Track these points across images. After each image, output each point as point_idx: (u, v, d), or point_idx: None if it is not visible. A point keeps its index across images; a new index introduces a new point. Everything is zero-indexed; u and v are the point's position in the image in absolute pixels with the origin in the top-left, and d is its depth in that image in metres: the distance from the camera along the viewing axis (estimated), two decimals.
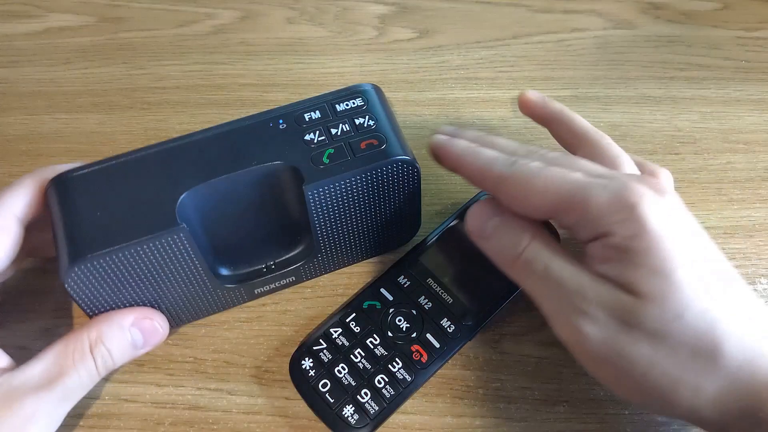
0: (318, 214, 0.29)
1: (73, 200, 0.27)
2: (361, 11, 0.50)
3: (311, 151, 0.29)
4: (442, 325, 0.32)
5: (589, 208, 0.24)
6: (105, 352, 0.28)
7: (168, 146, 0.28)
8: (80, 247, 0.26)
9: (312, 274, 0.34)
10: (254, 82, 0.45)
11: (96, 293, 0.27)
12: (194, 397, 0.32)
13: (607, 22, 0.49)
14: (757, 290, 0.35)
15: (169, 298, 0.30)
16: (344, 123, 0.29)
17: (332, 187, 0.28)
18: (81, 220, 0.26)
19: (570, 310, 0.24)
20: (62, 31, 0.49)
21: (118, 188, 0.27)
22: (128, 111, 0.44)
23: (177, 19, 0.50)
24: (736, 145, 0.41)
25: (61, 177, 0.28)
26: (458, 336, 0.31)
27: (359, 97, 0.30)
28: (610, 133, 0.42)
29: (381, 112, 0.30)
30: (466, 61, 0.46)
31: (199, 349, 0.33)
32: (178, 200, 0.27)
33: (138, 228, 0.26)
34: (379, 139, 0.29)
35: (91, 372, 0.28)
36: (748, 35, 0.48)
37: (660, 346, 0.22)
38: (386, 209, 0.31)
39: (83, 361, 0.27)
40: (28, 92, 0.45)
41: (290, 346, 0.32)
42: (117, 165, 0.28)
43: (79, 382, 0.28)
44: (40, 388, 0.26)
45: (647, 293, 0.23)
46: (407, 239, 0.35)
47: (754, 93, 0.44)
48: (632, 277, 0.23)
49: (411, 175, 0.30)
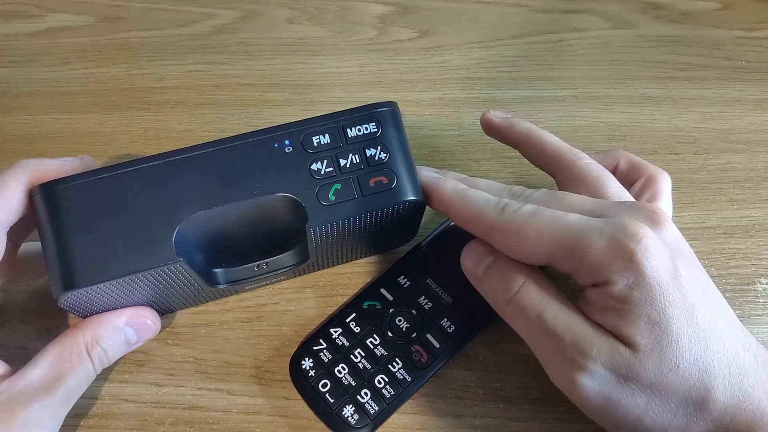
0: (317, 244, 0.29)
1: (64, 217, 0.25)
2: (362, 11, 0.50)
3: (317, 183, 0.27)
4: (442, 325, 0.32)
5: (587, 257, 0.24)
6: (101, 352, 0.28)
7: (165, 161, 0.26)
8: (73, 275, 0.25)
9: (304, 272, 0.34)
10: (254, 82, 0.45)
11: (89, 307, 0.28)
12: (194, 397, 0.32)
13: (607, 22, 0.49)
14: (757, 290, 0.35)
15: (162, 301, 0.30)
16: (354, 153, 0.28)
17: (335, 224, 0.28)
18: (73, 243, 0.25)
19: (567, 363, 0.24)
20: (62, 31, 0.49)
21: (112, 209, 0.26)
22: (128, 111, 0.44)
23: (177, 19, 0.50)
24: (736, 145, 0.41)
25: (50, 187, 0.26)
26: (458, 336, 0.31)
27: (373, 122, 0.28)
28: (610, 133, 0.42)
29: (395, 142, 0.28)
30: (466, 61, 0.46)
31: (199, 349, 0.33)
32: (175, 231, 0.26)
33: (133, 259, 0.25)
34: (390, 177, 0.28)
35: (89, 372, 0.28)
36: (748, 35, 0.48)
37: (654, 397, 0.23)
38: (386, 232, 0.31)
39: (81, 363, 0.28)
40: (27, 92, 0.45)
41: (290, 347, 0.32)
42: (110, 179, 0.26)
43: (78, 384, 0.28)
44: (41, 393, 0.26)
45: (645, 347, 0.23)
46: (405, 242, 0.35)
47: (754, 93, 0.44)
48: (631, 330, 0.23)
49: (417, 211, 0.30)
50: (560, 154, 0.30)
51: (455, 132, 0.42)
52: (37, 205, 0.26)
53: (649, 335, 0.23)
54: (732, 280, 0.35)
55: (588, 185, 0.28)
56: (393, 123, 0.29)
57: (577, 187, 0.29)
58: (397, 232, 0.32)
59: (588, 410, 0.25)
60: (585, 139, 0.41)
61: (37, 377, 0.27)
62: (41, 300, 0.35)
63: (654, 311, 0.23)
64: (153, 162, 0.26)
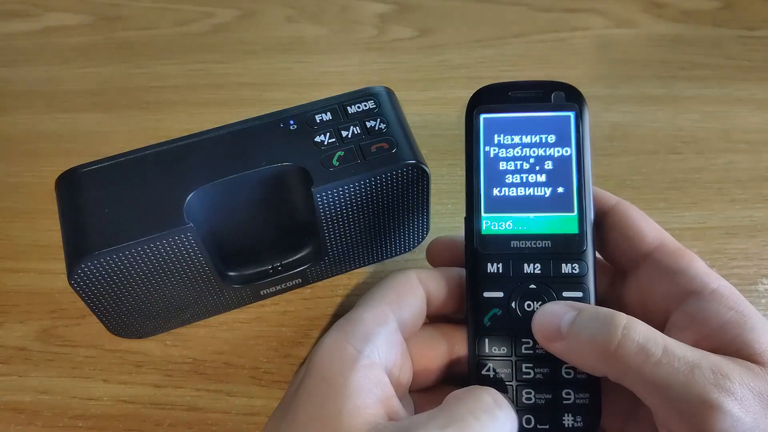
0: (326, 216, 0.29)
1: (82, 196, 0.27)
2: (361, 10, 0.50)
3: (321, 153, 0.28)
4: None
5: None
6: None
7: (177, 145, 0.28)
8: (86, 244, 0.26)
9: (319, 277, 0.34)
10: (253, 81, 0.45)
11: (101, 291, 0.27)
12: (193, 398, 0.31)
13: (609, 21, 0.49)
14: (759, 291, 0.35)
15: (175, 297, 0.30)
16: (355, 126, 0.29)
17: (341, 189, 0.28)
18: (88, 217, 0.26)
19: (707, 393, 0.21)
20: (61, 30, 0.49)
21: (127, 186, 0.27)
22: (127, 110, 0.43)
23: (176, 17, 0.50)
24: (738, 144, 0.41)
25: (70, 173, 0.28)
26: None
27: (371, 100, 0.30)
28: (612, 132, 0.42)
29: (392, 115, 0.30)
30: (467, 60, 0.46)
31: (198, 350, 0.33)
32: (186, 200, 0.27)
33: (145, 226, 0.26)
34: (390, 142, 0.29)
35: None
36: (749, 34, 0.48)
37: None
38: (395, 212, 0.31)
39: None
40: (26, 92, 0.45)
41: (289, 347, 0.32)
42: (125, 162, 0.28)
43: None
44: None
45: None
46: (416, 244, 0.35)
47: (756, 92, 0.44)
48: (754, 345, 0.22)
49: (421, 179, 0.30)
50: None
51: (456, 132, 0.42)
52: (58, 192, 0.28)
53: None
54: (734, 281, 0.35)
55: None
56: (390, 101, 0.30)
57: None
58: (406, 221, 0.32)
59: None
60: None
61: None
62: (41, 300, 0.35)
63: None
64: (164, 146, 0.28)
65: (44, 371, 0.32)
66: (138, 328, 0.31)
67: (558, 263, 0.25)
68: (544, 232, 0.26)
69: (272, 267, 0.32)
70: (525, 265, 0.25)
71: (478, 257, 0.26)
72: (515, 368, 0.25)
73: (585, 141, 0.26)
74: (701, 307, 0.24)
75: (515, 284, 0.25)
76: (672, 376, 0.21)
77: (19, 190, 0.39)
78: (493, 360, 0.25)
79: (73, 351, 0.33)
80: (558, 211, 0.26)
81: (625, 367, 0.22)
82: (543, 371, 0.25)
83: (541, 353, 0.25)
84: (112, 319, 0.30)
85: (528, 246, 0.26)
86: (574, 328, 0.23)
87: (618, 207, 0.27)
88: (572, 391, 0.25)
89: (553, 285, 0.25)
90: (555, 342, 0.24)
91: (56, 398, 0.31)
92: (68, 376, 0.32)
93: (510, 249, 0.26)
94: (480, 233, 0.26)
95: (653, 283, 0.26)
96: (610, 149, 0.41)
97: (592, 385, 0.25)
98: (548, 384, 0.25)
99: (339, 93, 0.31)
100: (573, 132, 0.27)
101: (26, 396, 0.32)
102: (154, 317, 0.31)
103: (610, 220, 0.27)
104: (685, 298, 0.25)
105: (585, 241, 0.25)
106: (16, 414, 0.31)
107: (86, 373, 0.32)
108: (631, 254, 0.27)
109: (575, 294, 0.25)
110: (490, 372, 0.25)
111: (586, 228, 0.26)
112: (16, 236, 0.37)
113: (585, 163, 0.26)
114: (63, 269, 0.26)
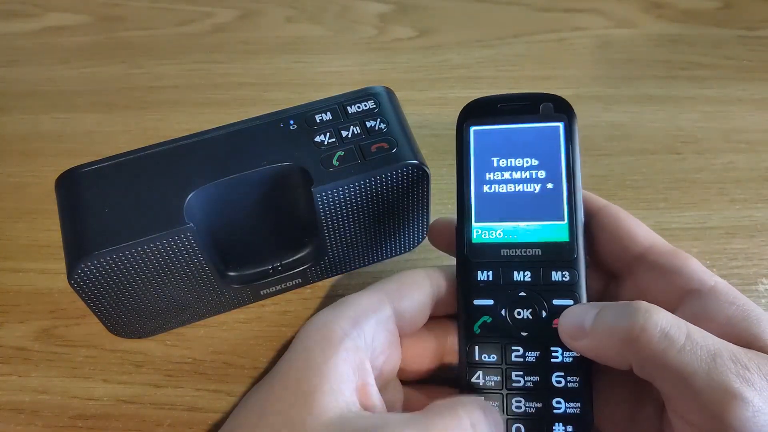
0: (326, 216, 0.29)
1: (82, 196, 0.27)
2: (361, 10, 0.50)
3: (321, 153, 0.28)
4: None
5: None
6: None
7: (177, 145, 0.28)
8: (86, 244, 0.26)
9: (319, 277, 0.34)
10: (253, 81, 0.45)
11: (101, 291, 0.27)
12: (193, 398, 0.31)
13: (609, 21, 0.49)
14: (759, 291, 0.35)
15: (175, 297, 0.30)
16: (355, 126, 0.29)
17: (341, 189, 0.28)
18: (88, 217, 0.27)
19: (729, 382, 0.21)
20: (60, 30, 0.49)
21: (127, 186, 0.27)
22: (127, 110, 0.43)
23: (176, 18, 0.50)
24: (738, 144, 0.41)
25: (70, 173, 0.28)
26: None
27: (371, 100, 0.30)
28: (612, 132, 0.42)
29: (392, 115, 0.30)
30: (467, 60, 0.46)
31: (198, 350, 0.33)
32: (186, 200, 0.27)
33: (145, 226, 0.26)
34: (390, 142, 0.29)
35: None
36: (749, 34, 0.48)
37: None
38: (395, 212, 0.31)
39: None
40: (26, 92, 0.45)
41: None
42: (125, 162, 0.28)
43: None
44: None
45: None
46: (416, 244, 0.35)
47: (756, 92, 0.44)
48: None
49: (421, 179, 0.30)
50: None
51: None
52: (58, 191, 0.28)
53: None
54: (734, 281, 0.35)
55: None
56: (390, 101, 0.31)
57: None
58: (406, 221, 0.32)
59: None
60: (586, 139, 0.41)
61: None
62: (41, 300, 0.35)
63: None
64: (164, 146, 0.28)
65: (44, 371, 0.32)
66: (138, 328, 0.31)
67: (548, 271, 0.25)
68: (534, 240, 0.26)
69: (272, 267, 0.32)
70: (515, 273, 0.26)
71: (469, 265, 0.26)
72: (505, 376, 0.25)
73: (575, 151, 0.27)
74: (703, 305, 0.24)
75: (505, 292, 0.25)
76: (695, 364, 0.21)
77: (19, 190, 0.39)
78: (483, 367, 0.25)
79: (73, 351, 0.33)
80: (548, 219, 0.26)
81: (650, 353, 0.22)
82: (533, 379, 0.25)
83: (531, 361, 0.25)
84: (111, 319, 0.30)
85: (518, 254, 0.26)
86: (596, 322, 0.23)
87: (606, 210, 0.27)
88: (563, 400, 0.24)
89: (543, 293, 0.25)
90: (580, 340, 0.24)
91: (56, 398, 0.31)
92: (68, 376, 0.32)
93: (500, 257, 0.26)
94: (470, 242, 0.26)
95: (651, 284, 0.26)
96: (610, 149, 0.41)
97: (584, 394, 0.24)
98: (539, 392, 0.25)
99: (339, 93, 0.31)
100: (562, 142, 0.27)
101: (26, 396, 0.32)
102: (154, 317, 0.31)
103: (599, 223, 0.27)
104: (685, 297, 0.25)
105: (576, 248, 0.25)
106: (16, 414, 0.31)
107: (86, 373, 0.32)
108: (622, 256, 0.27)
109: (566, 302, 0.25)
110: (480, 379, 0.25)
111: (577, 236, 0.26)
112: (16, 236, 0.37)
113: (575, 171, 0.26)
114: (63, 269, 0.26)
